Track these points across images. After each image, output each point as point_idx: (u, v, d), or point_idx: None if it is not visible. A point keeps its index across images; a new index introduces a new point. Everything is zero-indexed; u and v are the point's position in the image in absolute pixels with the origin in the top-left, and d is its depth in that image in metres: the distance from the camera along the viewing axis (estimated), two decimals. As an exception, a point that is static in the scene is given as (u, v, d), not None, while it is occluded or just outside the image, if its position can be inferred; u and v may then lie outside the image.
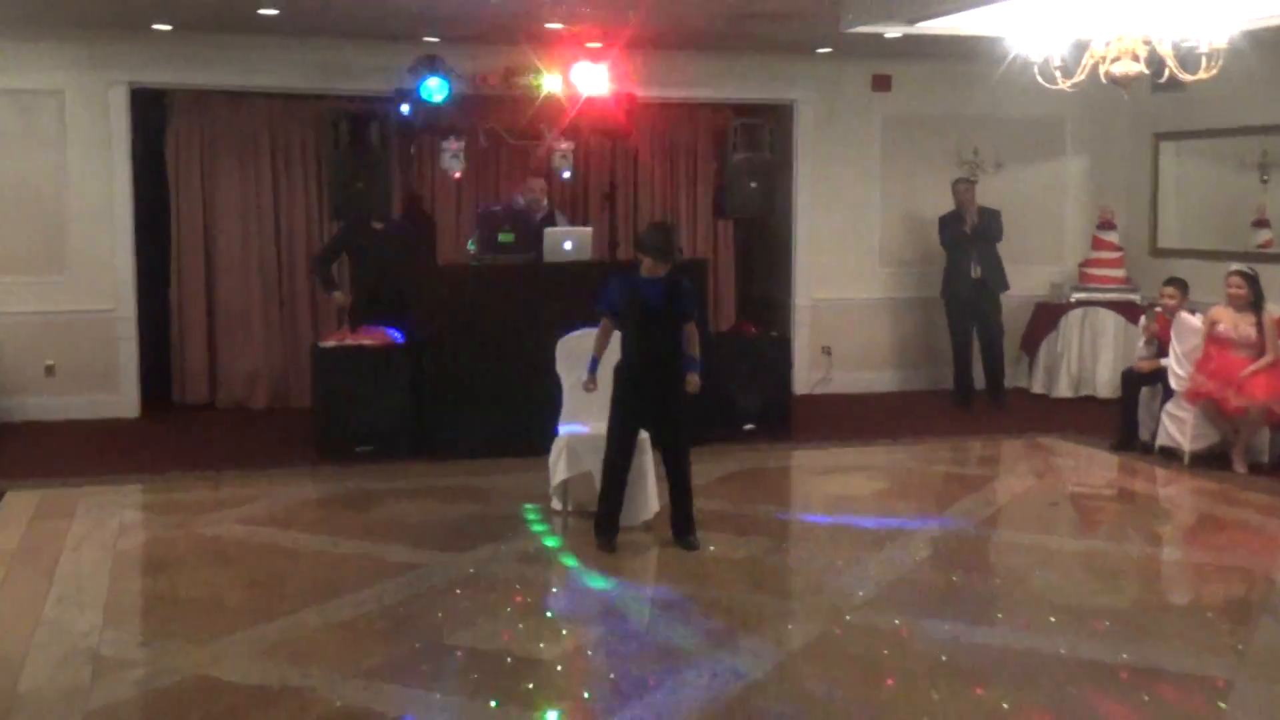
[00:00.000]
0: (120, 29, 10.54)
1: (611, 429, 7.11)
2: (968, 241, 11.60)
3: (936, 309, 12.49)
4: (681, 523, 7.19)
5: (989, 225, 11.62)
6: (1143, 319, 9.96)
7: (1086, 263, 12.52)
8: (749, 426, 10.18)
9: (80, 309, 10.85)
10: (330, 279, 10.38)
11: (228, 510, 8.00)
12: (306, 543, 7.28)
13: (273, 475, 8.92)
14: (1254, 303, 9.23)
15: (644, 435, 7.35)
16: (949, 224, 11.74)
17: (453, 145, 10.60)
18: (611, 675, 5.37)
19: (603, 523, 7.16)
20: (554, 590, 6.71)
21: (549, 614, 6.25)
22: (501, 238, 9.60)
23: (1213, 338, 9.20)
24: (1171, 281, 9.81)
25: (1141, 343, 9.93)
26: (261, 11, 9.62)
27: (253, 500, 8.23)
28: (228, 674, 5.29)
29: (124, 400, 11.01)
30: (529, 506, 8.01)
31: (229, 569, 6.79)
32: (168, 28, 10.46)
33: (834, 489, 8.89)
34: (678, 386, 7.04)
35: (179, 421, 10.97)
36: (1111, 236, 12.43)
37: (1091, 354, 12.13)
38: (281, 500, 8.28)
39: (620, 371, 7.13)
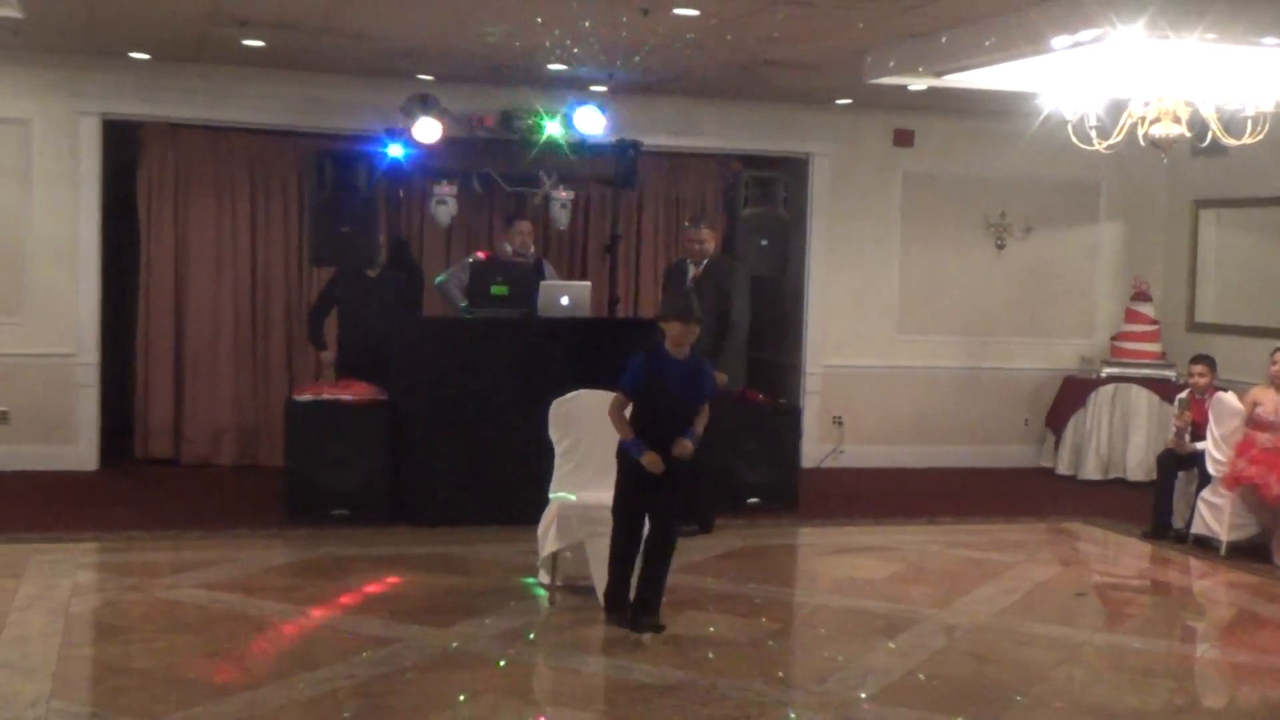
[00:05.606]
0: (94, 56, 10.63)
1: (620, 510, 7.11)
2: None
3: (958, 381, 12.55)
4: (646, 601, 7.06)
5: (716, 281, 9.62)
6: (1175, 405, 9.94)
7: (1119, 336, 12.57)
8: (753, 500, 10.17)
9: (38, 352, 10.87)
10: (320, 335, 10.41)
11: (189, 574, 7.96)
12: (272, 611, 7.24)
13: (238, 538, 8.89)
14: (1297, 383, 9.26)
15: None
16: (668, 279, 10.24)
17: (444, 190, 10.66)
18: (599, 766, 5.33)
19: (616, 599, 7.16)
20: (540, 671, 6.67)
21: (534, 698, 6.21)
22: (494, 290, 9.63)
23: (1254, 420, 9.20)
24: (1200, 359, 9.83)
25: (1173, 433, 9.93)
26: (246, 43, 9.72)
27: (216, 564, 8.19)
28: (183, 752, 5.25)
29: (82, 452, 11.00)
30: (515, 579, 7.97)
31: (188, 637, 6.74)
32: (145, 57, 10.55)
33: (843, 570, 8.86)
34: (686, 468, 7.07)
35: (139, 477, 10.97)
36: (1146, 309, 12.49)
37: (1122, 434, 12.15)
38: (247, 565, 8.25)
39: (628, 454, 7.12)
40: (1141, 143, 7.71)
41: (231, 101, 11.05)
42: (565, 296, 9.67)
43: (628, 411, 7.08)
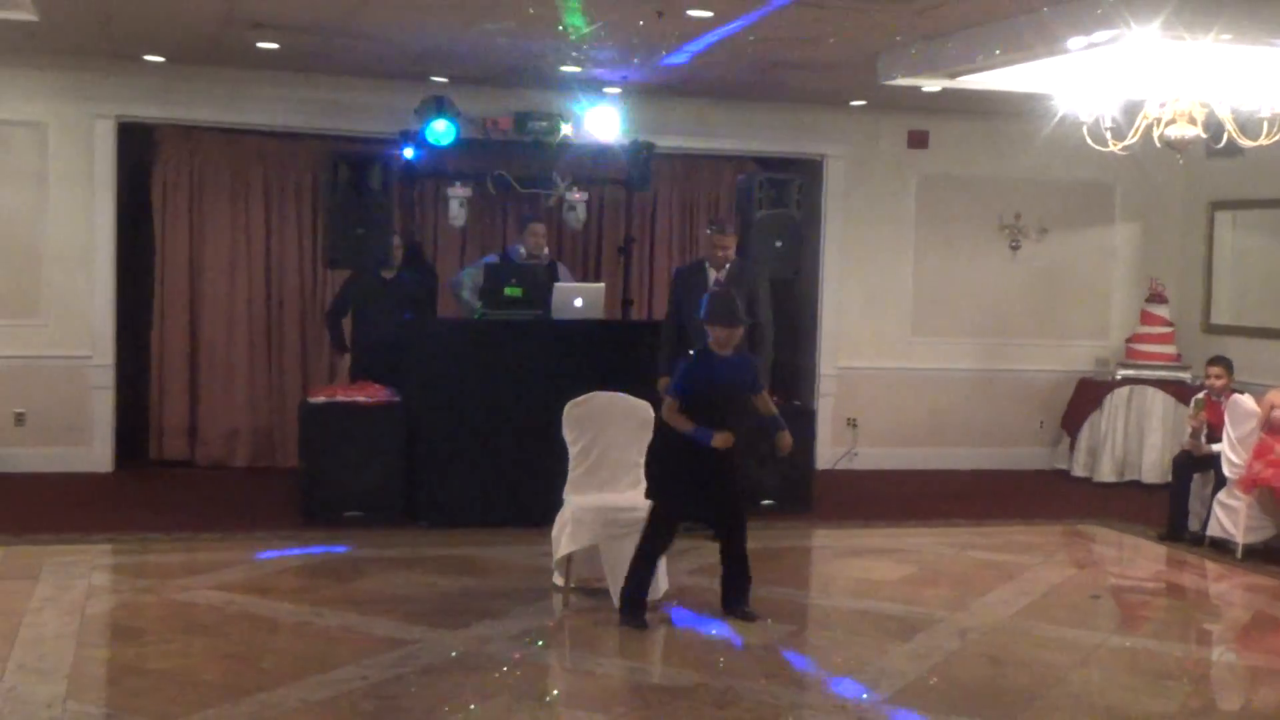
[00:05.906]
0: (109, 59, 10.66)
1: (659, 513, 7.15)
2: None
3: (973, 383, 12.53)
4: (739, 595, 7.35)
5: (744, 288, 9.18)
6: (1191, 406, 9.91)
7: (1134, 338, 12.53)
8: (767, 502, 10.15)
9: (54, 354, 10.90)
10: (342, 337, 10.47)
11: (203, 575, 7.97)
12: (287, 613, 7.25)
13: (253, 539, 8.90)
14: (1314, 386, 9.23)
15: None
16: (681, 281, 9.70)
17: (458, 192, 10.67)
18: (613, 768, 5.33)
19: (634, 601, 7.18)
20: (554, 674, 6.67)
21: (548, 700, 6.21)
22: (508, 292, 9.64)
23: (1271, 423, 9.16)
24: (1217, 361, 9.80)
25: (1188, 433, 9.89)
26: (260, 45, 9.74)
27: (231, 565, 8.20)
28: (198, 753, 5.26)
29: (97, 454, 11.03)
30: (529, 581, 7.98)
31: (203, 639, 6.75)
32: (159, 59, 10.57)
33: (857, 572, 8.85)
34: (738, 465, 7.23)
35: (154, 478, 11.00)
36: (1162, 310, 12.45)
37: (1138, 436, 12.11)
38: (261, 566, 8.26)
39: (676, 454, 7.14)
40: (1157, 144, 7.68)
41: (246, 104, 11.08)
42: (579, 298, 9.67)
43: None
